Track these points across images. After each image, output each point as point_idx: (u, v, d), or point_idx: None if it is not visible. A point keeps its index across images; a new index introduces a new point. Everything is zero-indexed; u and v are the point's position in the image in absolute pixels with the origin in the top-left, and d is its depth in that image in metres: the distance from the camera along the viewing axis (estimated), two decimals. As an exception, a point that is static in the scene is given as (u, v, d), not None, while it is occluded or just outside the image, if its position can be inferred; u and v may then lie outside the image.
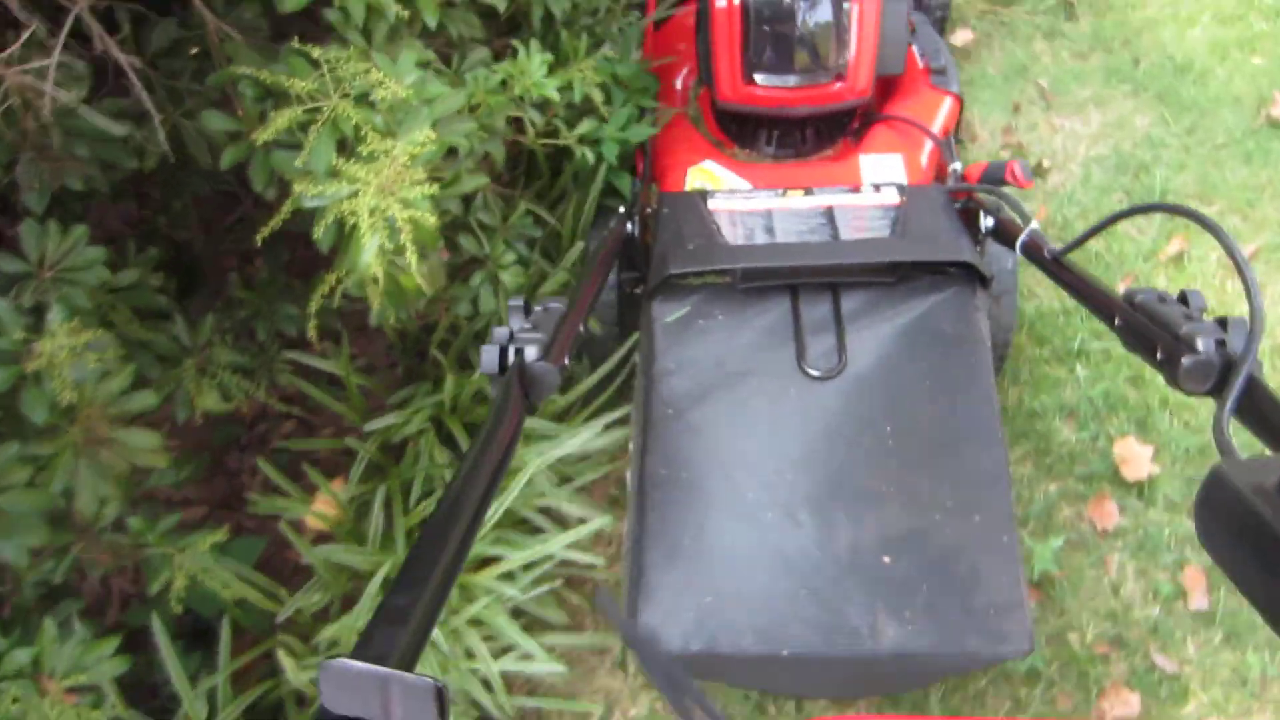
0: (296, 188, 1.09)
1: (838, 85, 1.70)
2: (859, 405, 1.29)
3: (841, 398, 1.29)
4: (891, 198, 1.51)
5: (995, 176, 1.53)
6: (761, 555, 1.20)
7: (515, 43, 1.52)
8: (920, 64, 1.90)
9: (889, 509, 1.22)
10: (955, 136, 1.87)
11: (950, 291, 1.36)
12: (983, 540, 1.19)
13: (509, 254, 1.63)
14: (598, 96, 1.62)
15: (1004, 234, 1.41)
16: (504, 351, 1.03)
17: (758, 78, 1.70)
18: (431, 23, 1.26)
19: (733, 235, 1.44)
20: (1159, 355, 0.98)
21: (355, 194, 1.07)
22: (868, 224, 1.45)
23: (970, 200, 1.51)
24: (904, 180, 1.65)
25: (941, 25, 2.26)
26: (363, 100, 1.11)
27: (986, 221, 1.45)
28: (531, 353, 1.02)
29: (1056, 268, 1.22)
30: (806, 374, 1.30)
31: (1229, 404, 0.85)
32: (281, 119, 1.08)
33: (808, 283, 1.37)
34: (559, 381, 1.04)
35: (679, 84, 1.98)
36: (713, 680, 1.37)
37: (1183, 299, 1.00)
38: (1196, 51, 2.38)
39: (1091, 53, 2.43)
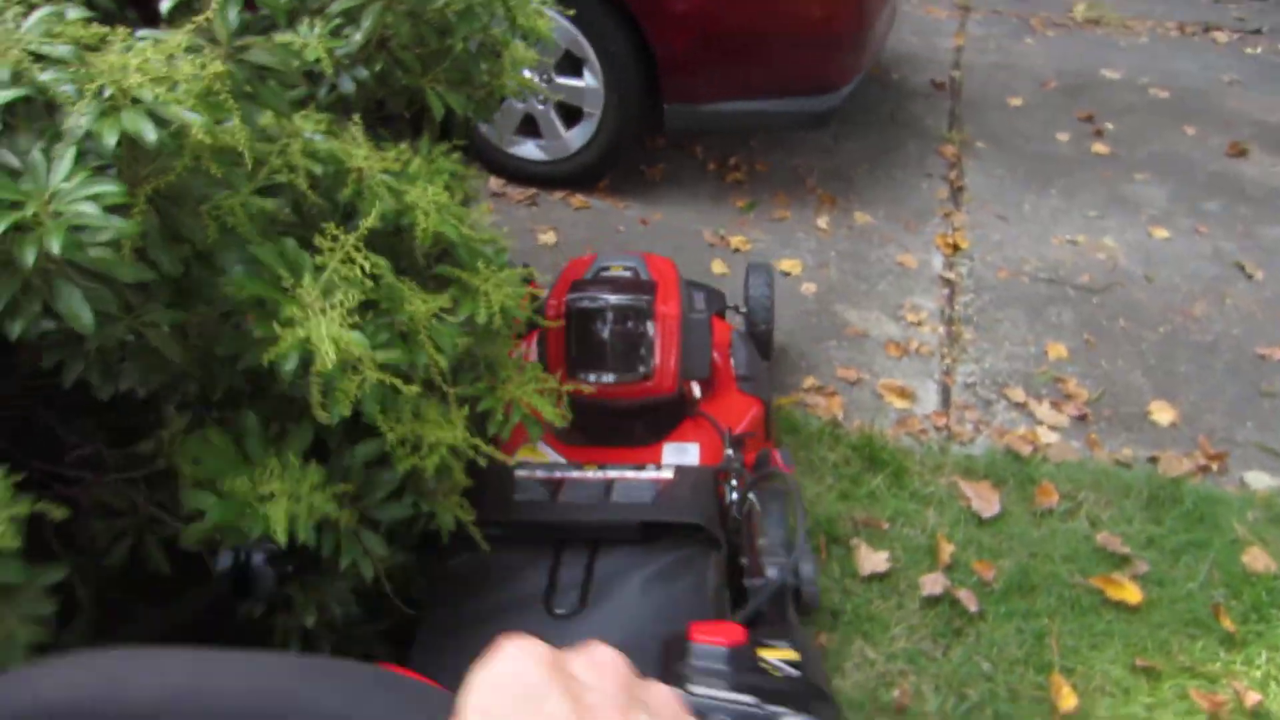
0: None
1: (645, 385, 1.98)
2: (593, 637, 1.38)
3: (578, 635, 1.42)
4: (666, 474, 1.73)
5: (763, 463, 1.80)
6: None
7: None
8: (733, 371, 2.19)
9: None
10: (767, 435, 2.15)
11: (687, 550, 1.55)
12: None
13: None
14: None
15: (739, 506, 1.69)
16: None
17: (579, 375, 1.95)
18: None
19: (521, 493, 1.66)
20: None
21: None
22: (637, 493, 1.66)
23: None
24: (698, 464, 1.91)
25: (767, 337, 2.50)
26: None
27: (732, 495, 1.70)
28: None
29: (741, 516, 1.54)
30: (554, 615, 1.46)
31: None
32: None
33: (570, 539, 1.57)
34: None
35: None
36: None
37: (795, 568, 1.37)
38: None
39: None
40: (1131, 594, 2.07)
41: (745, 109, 3.18)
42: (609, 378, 1.97)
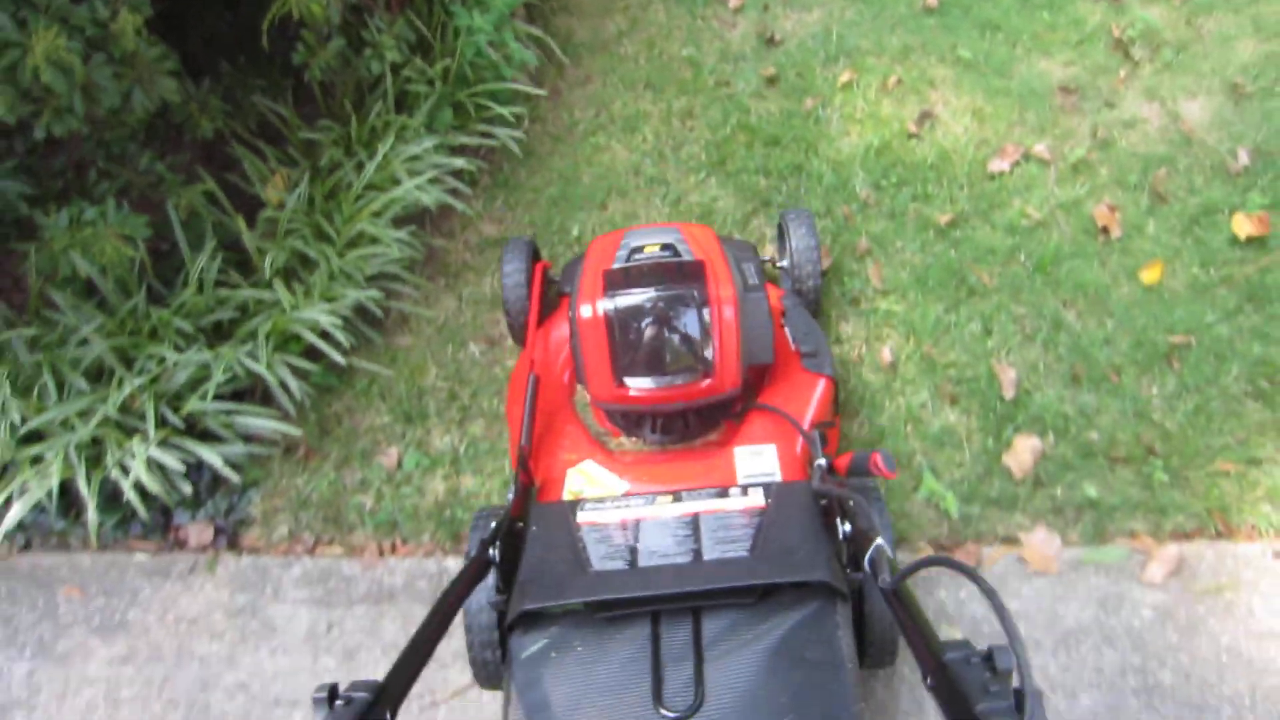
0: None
1: (706, 382, 1.77)
2: None
3: None
4: (757, 500, 1.53)
5: (860, 468, 1.54)
6: None
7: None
8: (793, 347, 1.97)
9: None
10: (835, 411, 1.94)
11: (811, 608, 1.34)
12: None
13: (390, 42, 2.61)
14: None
15: (856, 545, 1.37)
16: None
17: (628, 381, 1.77)
18: None
19: (597, 555, 1.44)
20: None
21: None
22: (730, 534, 1.46)
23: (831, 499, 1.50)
24: (777, 470, 1.71)
25: (815, 293, 2.24)
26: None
27: (844, 527, 1.43)
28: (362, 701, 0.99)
29: (890, 595, 1.16)
30: (662, 716, 1.25)
31: None
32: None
33: (668, 608, 1.36)
34: None
35: (566, 377, 2.11)
36: None
37: (989, 656, 0.99)
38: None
39: (828, -27, 3.37)
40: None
41: None
42: (663, 381, 1.76)
